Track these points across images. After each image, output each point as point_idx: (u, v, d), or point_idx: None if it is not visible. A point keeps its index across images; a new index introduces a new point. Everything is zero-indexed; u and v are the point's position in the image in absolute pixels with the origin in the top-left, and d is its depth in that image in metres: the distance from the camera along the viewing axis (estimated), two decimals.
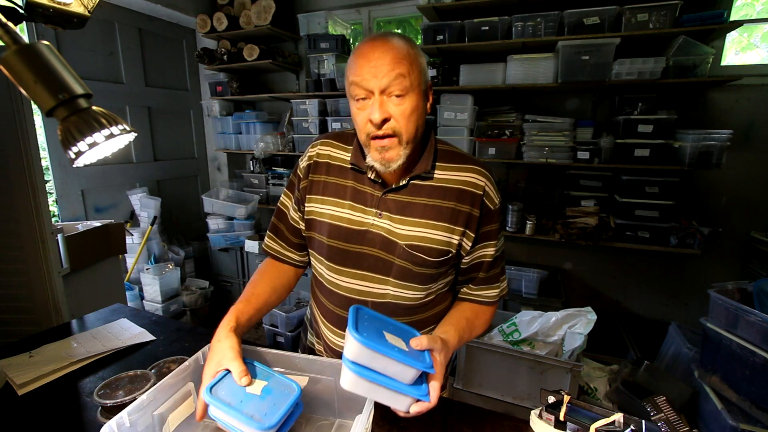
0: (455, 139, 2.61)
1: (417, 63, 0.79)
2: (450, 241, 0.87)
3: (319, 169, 0.94)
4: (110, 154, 0.74)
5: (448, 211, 0.86)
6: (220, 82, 3.39)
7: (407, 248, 0.86)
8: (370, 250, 0.88)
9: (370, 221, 0.88)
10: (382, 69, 0.75)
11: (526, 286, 2.46)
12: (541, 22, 2.28)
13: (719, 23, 1.97)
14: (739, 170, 2.30)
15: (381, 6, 3.06)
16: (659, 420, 0.77)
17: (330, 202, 0.91)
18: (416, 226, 0.86)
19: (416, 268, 0.87)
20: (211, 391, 0.66)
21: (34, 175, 1.64)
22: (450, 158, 0.90)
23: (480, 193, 0.87)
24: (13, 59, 0.62)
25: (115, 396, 0.77)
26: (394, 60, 0.76)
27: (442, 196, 0.87)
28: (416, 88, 0.78)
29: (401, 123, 0.79)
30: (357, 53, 0.79)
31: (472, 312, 0.93)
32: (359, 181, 0.90)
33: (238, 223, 3.29)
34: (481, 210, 0.87)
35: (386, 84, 0.76)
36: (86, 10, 0.80)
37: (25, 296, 1.70)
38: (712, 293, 1.67)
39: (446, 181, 0.87)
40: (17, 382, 0.94)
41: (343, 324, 0.93)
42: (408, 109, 0.78)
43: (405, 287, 0.90)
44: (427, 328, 0.95)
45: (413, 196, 0.87)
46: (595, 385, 2.04)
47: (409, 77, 0.76)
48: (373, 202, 0.88)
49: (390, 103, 0.78)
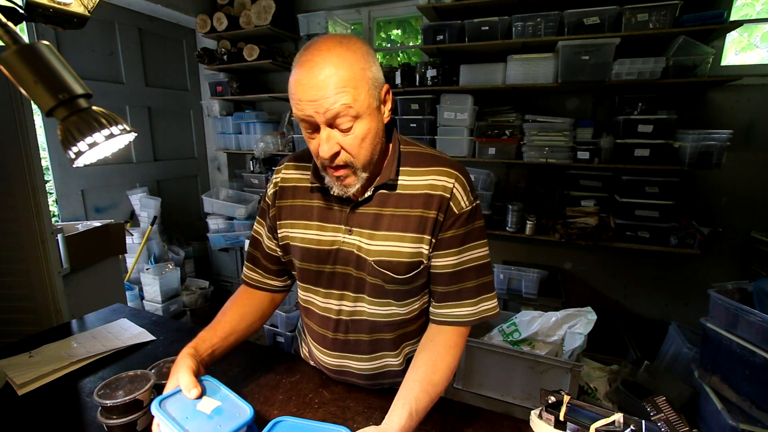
0: (455, 139, 2.61)
1: (365, 81, 0.70)
2: (420, 251, 0.80)
3: (285, 193, 0.90)
4: (110, 154, 0.74)
5: (415, 219, 0.80)
6: (220, 82, 3.39)
7: (375, 265, 0.81)
8: (342, 268, 0.85)
9: (340, 239, 0.83)
10: (323, 103, 0.67)
11: (526, 286, 2.46)
12: (541, 22, 2.28)
13: (719, 23, 1.97)
14: (739, 170, 2.30)
15: (381, 6, 3.06)
16: (659, 420, 0.77)
17: (299, 225, 0.88)
18: (384, 240, 0.81)
19: (387, 285, 0.82)
20: (160, 404, 0.68)
21: (34, 175, 1.64)
22: (416, 161, 0.83)
23: (447, 196, 0.79)
24: (13, 59, 0.62)
25: (115, 396, 0.77)
26: (336, 89, 0.67)
27: (409, 203, 0.80)
28: (366, 110, 0.71)
29: (353, 152, 0.73)
30: (295, 79, 0.69)
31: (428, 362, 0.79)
32: (325, 200, 0.85)
33: (238, 223, 3.29)
34: (445, 214, 0.80)
35: (330, 117, 0.69)
36: (86, 10, 0.80)
37: (25, 296, 1.70)
38: (712, 293, 1.67)
39: (412, 187, 0.81)
40: (17, 382, 0.94)
41: (327, 343, 0.91)
42: (359, 137, 0.72)
43: (381, 304, 0.85)
44: (416, 339, 0.91)
45: (380, 207, 0.82)
46: (595, 385, 2.04)
47: (356, 104, 0.69)
48: (341, 219, 0.83)
49: (338, 134, 0.71)
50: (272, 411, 0.86)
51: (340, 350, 0.91)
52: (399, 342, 0.91)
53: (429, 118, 2.68)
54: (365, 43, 0.74)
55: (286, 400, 0.90)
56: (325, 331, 0.91)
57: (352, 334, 0.89)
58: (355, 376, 0.93)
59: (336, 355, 0.91)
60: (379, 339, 0.89)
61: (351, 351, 0.90)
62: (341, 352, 0.91)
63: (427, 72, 2.65)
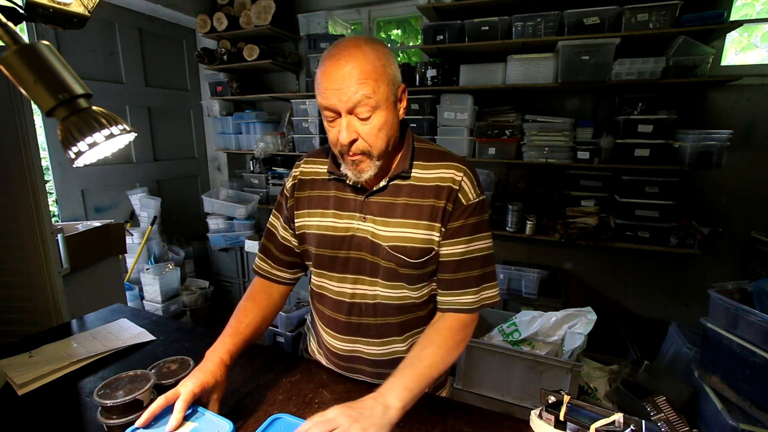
0: (455, 139, 2.61)
1: (385, 77, 0.77)
2: (431, 238, 0.86)
3: (303, 186, 0.96)
4: (110, 154, 0.74)
5: (427, 208, 0.86)
6: (220, 82, 3.39)
7: (390, 250, 0.87)
8: (357, 253, 0.90)
9: (355, 226, 0.89)
10: (346, 92, 0.74)
11: (526, 286, 2.46)
12: (541, 22, 2.28)
13: (719, 23, 1.97)
14: (739, 170, 2.30)
15: (381, 6, 3.06)
16: (659, 420, 0.77)
17: (315, 213, 0.93)
18: (398, 227, 0.87)
19: (401, 269, 0.88)
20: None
21: (34, 175, 1.64)
22: (428, 156, 0.90)
23: (456, 188, 0.86)
24: (13, 59, 0.62)
25: (115, 396, 0.77)
26: (358, 80, 0.74)
27: (422, 194, 0.87)
28: (384, 103, 0.78)
29: (370, 141, 0.79)
30: (321, 70, 0.77)
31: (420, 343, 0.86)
32: (341, 189, 0.91)
33: (238, 223, 3.29)
34: (453, 204, 0.86)
35: (351, 106, 0.75)
36: (86, 10, 0.80)
37: (25, 296, 1.70)
38: (712, 293, 1.67)
39: (424, 179, 0.88)
40: (17, 382, 0.94)
41: (339, 327, 0.95)
42: (376, 127, 0.78)
43: (394, 287, 0.90)
44: (425, 326, 0.94)
45: (394, 196, 0.88)
46: (595, 385, 2.04)
47: (375, 96, 0.75)
48: (356, 207, 0.89)
49: (357, 123, 0.78)
50: (272, 411, 0.86)
51: (353, 334, 0.95)
52: (407, 328, 0.95)
53: (429, 118, 2.68)
54: (387, 46, 0.81)
55: (286, 400, 0.90)
56: (338, 315, 0.95)
57: (365, 318, 0.93)
58: (364, 362, 0.97)
59: (347, 339, 0.96)
60: (389, 323, 0.93)
61: (362, 335, 0.95)
62: (353, 336, 0.95)
63: (427, 72, 2.65)
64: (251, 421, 0.83)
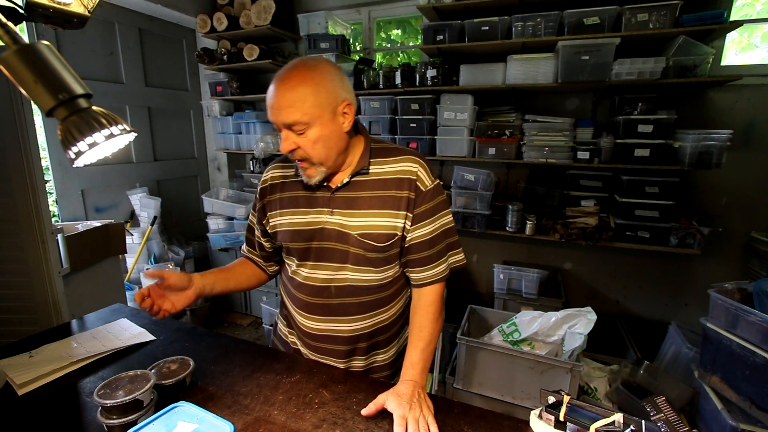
0: (455, 139, 2.61)
1: (316, 98, 0.87)
2: (395, 224, 0.98)
3: (273, 189, 1.09)
4: (110, 154, 0.74)
5: (389, 198, 0.98)
6: (220, 82, 3.39)
7: (359, 237, 0.98)
8: (328, 243, 1.01)
9: (324, 219, 1.01)
10: (282, 113, 0.88)
11: (526, 286, 2.46)
12: (541, 23, 2.28)
13: (719, 23, 1.97)
14: (739, 170, 2.30)
15: (381, 6, 3.06)
16: (659, 420, 0.78)
17: (287, 212, 1.05)
18: (364, 217, 0.99)
19: (368, 253, 0.99)
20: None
21: (34, 175, 1.64)
22: (384, 153, 1.02)
23: (414, 178, 0.99)
24: (13, 59, 0.62)
25: (115, 396, 0.77)
26: (289, 105, 0.87)
27: (382, 186, 0.99)
28: (317, 120, 0.89)
29: (308, 151, 0.92)
30: (269, 90, 0.90)
31: (415, 325, 1.02)
32: (309, 189, 1.03)
33: (238, 223, 3.29)
34: (415, 192, 0.99)
35: (287, 124, 0.89)
36: (86, 10, 0.81)
37: (25, 296, 1.70)
38: (712, 293, 1.67)
39: (384, 173, 1.00)
40: (17, 382, 0.94)
41: (313, 309, 1.06)
42: (311, 140, 0.90)
43: (361, 271, 1.02)
44: (387, 306, 1.08)
45: (357, 191, 1.00)
46: (595, 385, 2.04)
47: (305, 116, 0.87)
48: (324, 203, 1.01)
49: (294, 136, 0.91)
50: (272, 411, 0.86)
51: (326, 314, 1.06)
52: (374, 306, 1.06)
53: (429, 118, 2.68)
54: (333, 66, 0.93)
55: (286, 400, 0.90)
56: (314, 299, 1.05)
57: (336, 299, 1.04)
58: (336, 340, 1.07)
59: (321, 320, 1.06)
60: (359, 302, 1.04)
61: (334, 314, 1.05)
62: (327, 316, 1.06)
63: (427, 72, 2.65)
64: (251, 421, 0.83)
